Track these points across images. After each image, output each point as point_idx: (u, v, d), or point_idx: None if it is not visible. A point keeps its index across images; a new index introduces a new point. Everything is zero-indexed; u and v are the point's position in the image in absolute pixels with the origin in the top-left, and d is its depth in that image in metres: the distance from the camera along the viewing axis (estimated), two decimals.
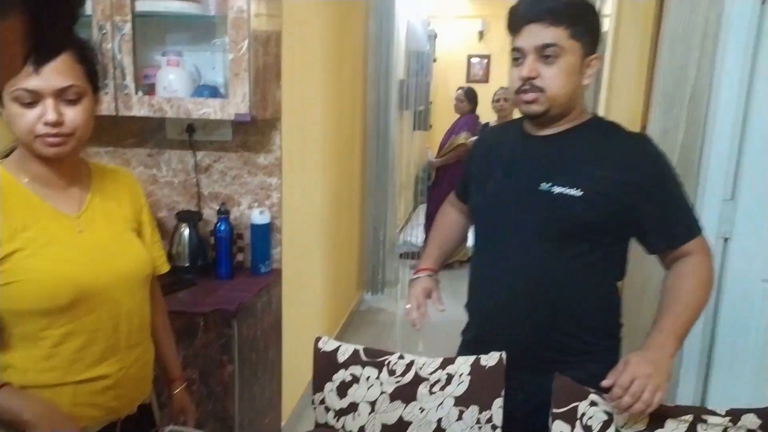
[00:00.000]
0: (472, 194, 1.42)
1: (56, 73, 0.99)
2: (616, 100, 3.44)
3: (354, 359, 1.35)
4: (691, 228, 1.24)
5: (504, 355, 1.25)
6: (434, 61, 6.79)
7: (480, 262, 1.39)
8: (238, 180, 2.19)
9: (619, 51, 3.48)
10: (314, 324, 2.92)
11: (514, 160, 1.31)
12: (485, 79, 7.29)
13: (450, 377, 1.28)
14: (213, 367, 1.84)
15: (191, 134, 2.14)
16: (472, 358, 1.27)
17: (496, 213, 1.31)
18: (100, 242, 1.10)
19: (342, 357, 1.36)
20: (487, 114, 5.18)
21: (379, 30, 3.73)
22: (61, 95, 1.00)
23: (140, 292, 1.16)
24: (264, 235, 2.16)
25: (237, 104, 1.82)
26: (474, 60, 7.34)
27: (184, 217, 2.09)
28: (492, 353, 1.26)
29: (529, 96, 1.20)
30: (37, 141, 1.00)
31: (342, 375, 1.35)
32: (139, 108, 1.87)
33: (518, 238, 1.27)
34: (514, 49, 1.22)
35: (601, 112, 3.72)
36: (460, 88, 5.05)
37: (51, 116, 0.98)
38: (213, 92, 1.93)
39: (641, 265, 1.60)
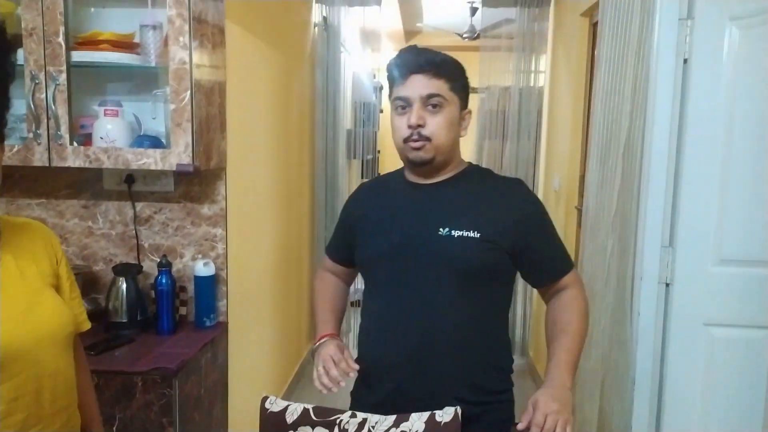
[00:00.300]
0: (361, 248, 1.40)
1: None
2: (556, 153, 3.57)
3: (304, 419, 1.28)
4: (566, 261, 1.35)
5: (459, 410, 1.22)
6: (381, 111, 6.93)
7: (379, 315, 1.36)
8: (181, 231, 2.12)
9: (555, 106, 3.64)
10: (263, 378, 2.80)
11: (404, 208, 1.34)
12: None
13: None
14: (152, 430, 1.72)
15: (130, 185, 2.06)
16: (426, 415, 1.23)
17: (394, 262, 1.31)
18: (16, 301, 1.00)
19: (291, 417, 1.29)
20: None
21: (325, 81, 3.78)
22: None
23: (64, 353, 1.07)
24: (208, 287, 2.08)
25: (179, 154, 1.78)
26: None
27: (122, 270, 1.99)
28: (447, 408, 1.22)
29: (417, 144, 1.26)
30: None
31: None
32: (74, 159, 1.79)
33: (422, 285, 1.29)
34: (398, 98, 1.27)
35: (541, 164, 3.86)
36: None
37: None
38: (154, 142, 1.88)
39: None
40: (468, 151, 4.66)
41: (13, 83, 0.97)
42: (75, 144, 1.80)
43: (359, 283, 1.54)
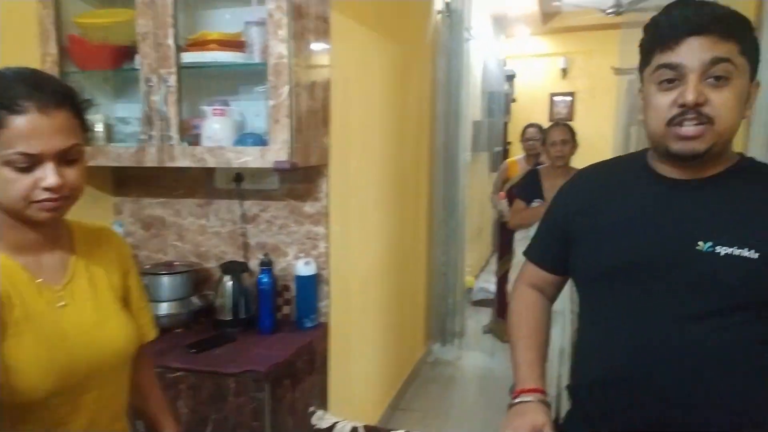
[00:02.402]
0: (581, 258, 1.11)
1: (58, 133, 0.88)
2: None
3: None
4: None
5: None
6: (513, 101, 6.60)
7: (605, 352, 1.05)
8: (285, 229, 2.10)
9: None
10: (369, 383, 2.74)
11: (649, 209, 1.02)
12: (569, 117, 6.97)
13: None
14: None
15: (239, 183, 2.08)
16: None
17: (627, 283, 1.02)
18: (86, 316, 0.99)
19: None
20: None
21: (448, 71, 3.62)
22: (62, 156, 0.89)
23: (124, 374, 1.04)
24: (309, 286, 2.04)
25: (277, 151, 1.74)
26: (557, 98, 7.04)
27: (228, 268, 2.02)
28: None
29: (693, 129, 0.92)
30: (32, 207, 0.89)
31: None
32: (182, 159, 1.83)
33: (668, 314, 0.98)
34: (665, 66, 0.95)
35: None
36: (532, 125, 4.12)
37: (53, 180, 0.87)
38: (257, 140, 1.86)
39: None
40: (609, 138, 4.23)
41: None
42: (184, 144, 1.84)
43: None
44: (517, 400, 1.09)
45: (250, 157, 1.78)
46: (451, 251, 3.82)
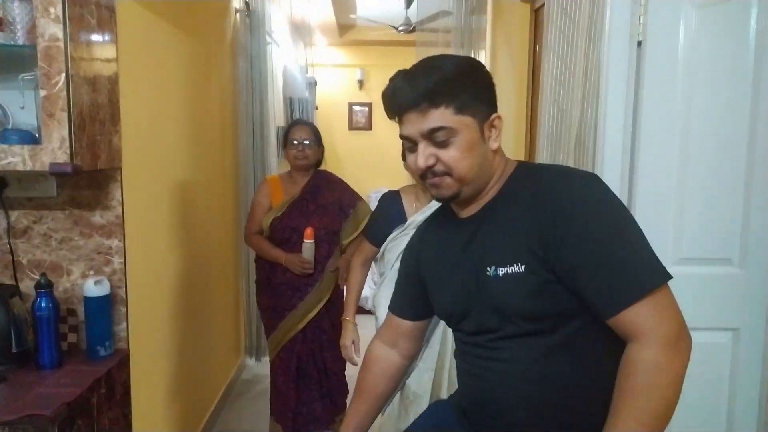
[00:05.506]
0: (433, 303, 1.24)
1: None
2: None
3: None
4: (636, 281, 0.93)
5: None
6: (316, 108, 6.64)
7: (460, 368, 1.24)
8: (67, 244, 1.78)
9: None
10: (179, 408, 2.47)
11: (453, 249, 1.16)
12: (368, 126, 7.25)
13: None
14: None
15: (2, 190, 1.71)
16: None
17: (458, 316, 1.15)
18: None
19: None
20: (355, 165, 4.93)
21: (250, 73, 3.47)
22: None
23: None
24: (102, 309, 1.75)
25: (53, 152, 1.45)
26: (356, 107, 7.28)
27: None
28: None
29: (435, 180, 1.07)
30: None
31: None
32: None
33: (485, 341, 1.10)
34: (402, 137, 1.08)
35: None
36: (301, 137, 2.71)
37: None
38: (24, 137, 1.54)
39: None
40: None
41: None
42: None
43: None
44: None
45: (17, 159, 1.46)
46: None
